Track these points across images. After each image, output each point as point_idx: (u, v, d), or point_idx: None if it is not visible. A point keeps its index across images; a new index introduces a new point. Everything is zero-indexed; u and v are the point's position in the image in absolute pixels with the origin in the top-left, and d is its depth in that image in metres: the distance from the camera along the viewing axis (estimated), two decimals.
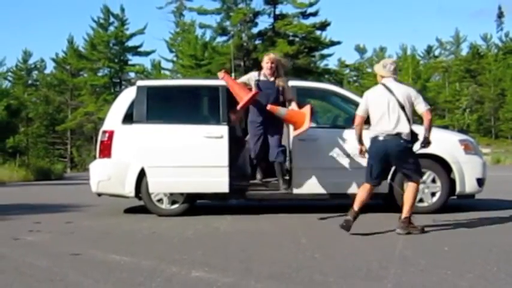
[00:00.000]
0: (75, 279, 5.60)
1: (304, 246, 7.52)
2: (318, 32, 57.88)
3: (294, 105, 10.08)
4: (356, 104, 10.83)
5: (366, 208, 8.45)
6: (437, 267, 6.00)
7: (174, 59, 63.94)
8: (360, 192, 8.42)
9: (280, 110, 9.85)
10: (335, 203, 11.18)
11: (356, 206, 8.18)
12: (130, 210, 11.52)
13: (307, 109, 9.79)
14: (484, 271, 5.81)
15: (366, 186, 8.39)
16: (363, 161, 10.29)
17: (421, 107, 8.13)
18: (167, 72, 65.48)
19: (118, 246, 7.52)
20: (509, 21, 76.12)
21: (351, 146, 10.18)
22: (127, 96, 10.88)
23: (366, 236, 8.25)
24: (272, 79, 10.14)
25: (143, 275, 5.81)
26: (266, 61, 10.19)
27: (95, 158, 11.04)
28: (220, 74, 10.39)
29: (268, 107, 9.79)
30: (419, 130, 8.21)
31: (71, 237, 8.36)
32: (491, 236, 7.67)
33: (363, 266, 6.16)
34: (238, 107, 10.04)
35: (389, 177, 10.34)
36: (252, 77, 10.29)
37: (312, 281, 5.50)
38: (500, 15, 78.87)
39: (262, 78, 10.18)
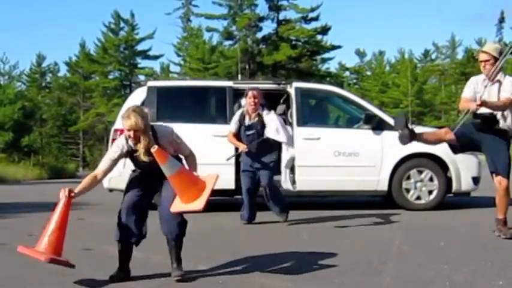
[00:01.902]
0: (87, 273, 5.60)
1: (306, 241, 7.53)
2: (319, 37, 57.86)
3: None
4: (356, 105, 10.88)
5: (365, 206, 8.46)
6: (434, 262, 6.00)
7: (182, 62, 63.94)
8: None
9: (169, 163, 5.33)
10: (336, 200, 11.20)
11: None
12: None
13: (211, 180, 5.62)
14: (478, 266, 5.81)
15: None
16: (363, 160, 10.34)
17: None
18: (175, 75, 65.48)
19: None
20: (507, 26, 75.91)
21: (352, 145, 10.21)
22: (138, 96, 10.90)
23: (365, 232, 8.26)
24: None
25: (153, 269, 5.81)
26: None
27: None
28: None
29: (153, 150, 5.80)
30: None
31: (82, 233, 8.37)
32: (486, 232, 7.66)
33: (362, 261, 6.16)
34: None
35: (388, 174, 10.40)
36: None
37: (314, 276, 5.50)
38: (502, 20, 78.59)
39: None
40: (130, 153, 5.60)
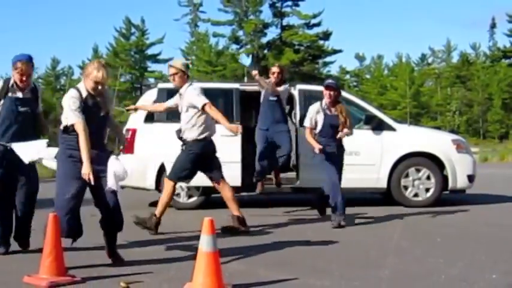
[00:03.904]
0: (100, 269, 5.63)
1: (310, 236, 7.53)
2: (321, 42, 57.98)
3: None
4: (357, 107, 10.89)
5: (365, 202, 8.46)
6: (430, 256, 6.00)
7: (190, 66, 64.08)
8: None
9: None
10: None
11: None
12: (153, 204, 11.53)
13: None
14: (473, 260, 5.81)
15: None
16: (364, 159, 10.33)
17: None
18: None
19: (140, 237, 7.54)
20: (500, 31, 75.97)
21: (352, 145, 10.20)
22: (149, 97, 10.90)
23: (365, 227, 8.26)
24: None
25: (162, 263, 5.83)
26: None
27: (118, 154, 11.05)
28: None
29: None
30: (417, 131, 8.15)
31: (95, 229, 8.37)
32: (480, 228, 7.66)
33: (362, 255, 6.17)
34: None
35: (388, 173, 10.39)
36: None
37: (316, 268, 5.51)
38: (493, 25, 78.47)
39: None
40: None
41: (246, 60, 57.81)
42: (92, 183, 5.43)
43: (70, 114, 5.48)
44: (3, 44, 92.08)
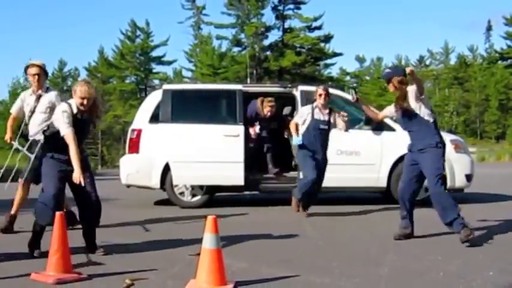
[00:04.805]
0: (104, 263, 5.65)
1: (310, 235, 7.53)
2: (322, 44, 57.95)
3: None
4: (357, 107, 10.86)
5: (365, 201, 8.45)
6: (429, 254, 5.99)
7: (193, 68, 63.94)
8: None
9: None
10: (337, 196, 11.19)
11: None
12: (158, 203, 11.54)
13: None
14: (470, 257, 5.80)
15: None
16: (364, 158, 10.33)
17: None
18: (187, 80, 65.51)
19: (143, 235, 7.55)
20: (496, 34, 75.94)
21: (353, 145, 10.22)
22: (154, 98, 10.92)
23: (365, 226, 8.25)
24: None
25: (166, 260, 5.82)
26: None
27: (124, 154, 11.07)
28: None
29: None
30: None
31: (100, 226, 8.37)
32: (478, 226, 7.65)
33: (362, 253, 6.16)
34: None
35: (387, 172, 10.38)
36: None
37: (317, 266, 5.50)
38: (489, 28, 78.43)
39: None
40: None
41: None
42: (83, 184, 5.83)
43: (62, 126, 5.90)
44: (12, 46, 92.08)
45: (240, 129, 10.34)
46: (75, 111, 5.99)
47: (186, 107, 10.80)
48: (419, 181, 7.09)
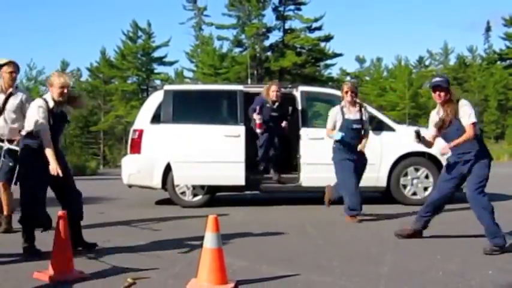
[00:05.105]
0: (106, 262, 5.65)
1: (310, 234, 7.53)
2: (322, 44, 57.91)
3: None
4: None
5: (365, 200, 8.45)
6: (428, 253, 6.00)
7: (194, 68, 63.89)
8: None
9: None
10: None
11: None
12: (159, 203, 11.54)
13: None
14: (469, 256, 5.81)
15: None
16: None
17: None
18: (189, 80, 65.49)
19: (145, 234, 7.55)
20: (495, 34, 75.79)
21: None
22: (155, 99, 10.93)
23: (365, 225, 8.25)
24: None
25: (167, 259, 5.83)
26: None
27: (126, 154, 11.08)
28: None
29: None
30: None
31: (102, 225, 8.39)
32: (476, 225, 7.64)
33: (362, 252, 6.17)
34: None
35: (387, 172, 10.38)
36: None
37: (317, 265, 5.50)
38: (488, 29, 78.36)
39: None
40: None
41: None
42: (61, 175, 5.82)
43: (36, 121, 5.96)
44: (15, 47, 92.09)
45: (240, 129, 10.34)
46: (51, 106, 6.06)
47: (187, 108, 10.80)
48: (454, 191, 6.87)
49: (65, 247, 5.02)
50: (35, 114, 5.95)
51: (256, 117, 10.33)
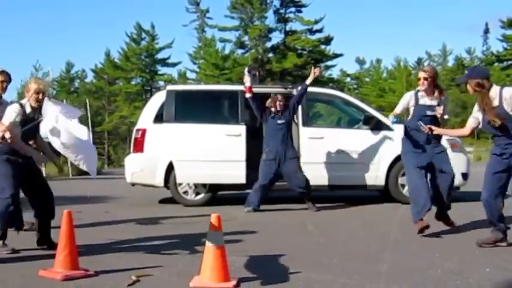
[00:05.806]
0: (110, 260, 5.67)
1: (311, 232, 7.53)
2: (323, 46, 57.92)
3: None
4: (356, 108, 10.88)
5: (365, 200, 8.44)
6: (427, 251, 5.99)
7: (197, 70, 63.90)
8: None
9: None
10: (337, 195, 11.18)
11: None
12: (162, 201, 11.53)
13: None
14: (468, 255, 5.80)
15: None
16: (363, 157, 10.32)
17: None
18: (191, 81, 65.51)
19: (149, 232, 7.55)
20: (493, 36, 75.72)
21: (352, 144, 10.22)
22: (158, 99, 10.93)
23: (364, 224, 8.25)
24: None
25: (171, 257, 5.83)
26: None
27: (129, 153, 11.08)
28: None
29: None
30: None
31: (108, 224, 8.40)
32: (475, 224, 7.64)
33: (362, 250, 6.16)
34: None
35: (385, 171, 10.37)
36: None
37: (318, 262, 5.50)
38: (487, 31, 78.31)
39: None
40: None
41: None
42: (8, 139, 5.64)
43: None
44: (20, 49, 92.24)
45: (241, 128, 10.35)
46: (28, 111, 6.09)
47: (190, 107, 10.80)
48: (504, 190, 6.24)
49: (70, 245, 5.00)
50: (9, 118, 5.94)
51: (247, 80, 10.01)
